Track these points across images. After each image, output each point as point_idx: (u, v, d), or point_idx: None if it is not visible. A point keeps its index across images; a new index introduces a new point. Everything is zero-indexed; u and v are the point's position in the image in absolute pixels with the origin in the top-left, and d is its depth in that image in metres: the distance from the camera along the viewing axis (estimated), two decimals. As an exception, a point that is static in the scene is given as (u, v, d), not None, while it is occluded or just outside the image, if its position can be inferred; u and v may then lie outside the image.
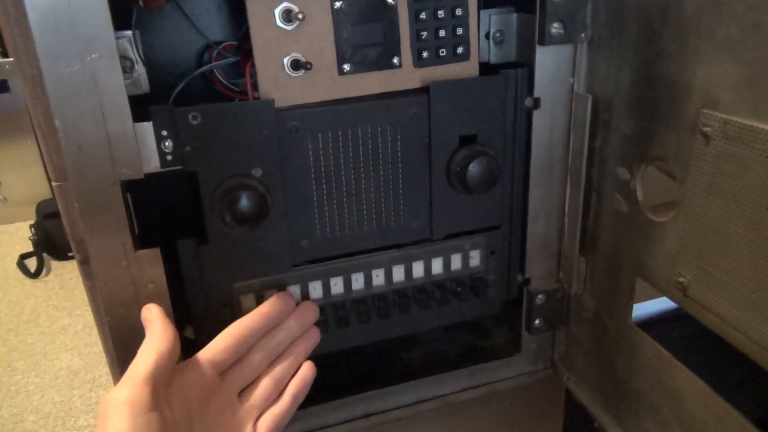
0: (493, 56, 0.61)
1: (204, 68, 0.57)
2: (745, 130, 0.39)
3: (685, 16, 0.44)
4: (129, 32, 0.49)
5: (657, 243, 0.50)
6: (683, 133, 0.45)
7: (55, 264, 2.16)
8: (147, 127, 0.47)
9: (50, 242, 2.13)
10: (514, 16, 0.60)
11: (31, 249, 2.14)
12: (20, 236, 2.29)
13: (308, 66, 0.48)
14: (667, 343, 0.52)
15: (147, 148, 0.47)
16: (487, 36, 0.60)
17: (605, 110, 0.54)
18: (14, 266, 2.12)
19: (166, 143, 0.47)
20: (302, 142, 0.51)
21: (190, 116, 0.46)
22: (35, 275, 2.08)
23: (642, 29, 0.48)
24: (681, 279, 0.47)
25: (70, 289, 2.02)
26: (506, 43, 0.61)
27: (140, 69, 0.51)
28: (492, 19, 0.60)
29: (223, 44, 0.58)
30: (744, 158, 0.40)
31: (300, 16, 0.47)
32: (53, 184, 0.48)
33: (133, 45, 0.50)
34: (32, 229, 2.14)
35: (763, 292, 0.40)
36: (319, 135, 0.51)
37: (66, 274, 2.11)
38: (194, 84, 0.58)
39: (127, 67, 0.50)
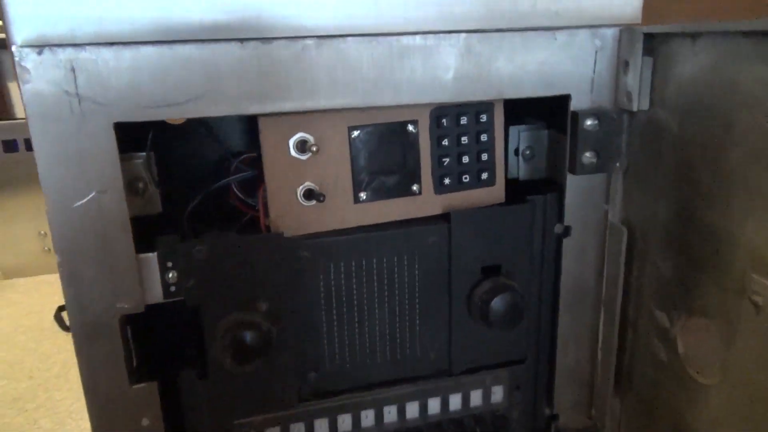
0: (523, 172, 0.58)
1: (220, 183, 0.56)
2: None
3: (729, 166, 0.40)
4: (143, 154, 0.48)
5: (700, 403, 0.44)
6: (729, 292, 0.40)
7: (90, 318, 2.17)
8: (151, 258, 0.45)
9: (87, 296, 2.15)
10: (545, 133, 0.57)
11: (68, 302, 2.16)
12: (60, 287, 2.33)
13: (321, 198, 0.46)
14: None
15: (150, 280, 0.45)
16: (516, 152, 0.57)
17: (642, 242, 0.50)
18: (51, 318, 2.15)
19: (170, 275, 0.45)
20: (313, 273, 0.48)
21: (194, 250, 0.44)
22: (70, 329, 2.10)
23: (680, 166, 0.45)
24: (727, 453, 0.42)
25: (102, 345, 2.02)
26: (537, 159, 0.58)
27: (153, 190, 0.50)
28: (522, 135, 0.57)
29: (242, 156, 0.57)
30: (800, 339, 0.35)
31: (314, 148, 0.45)
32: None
33: (147, 167, 0.49)
34: (71, 282, 2.17)
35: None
36: (331, 265, 0.48)
37: (99, 329, 2.11)
38: (211, 197, 0.56)
39: (140, 189, 0.49)
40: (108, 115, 0.40)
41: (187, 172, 0.57)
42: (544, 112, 0.57)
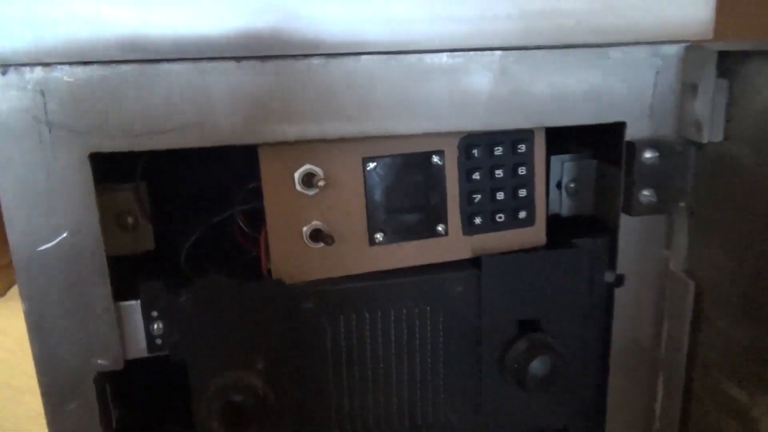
0: (566, 208, 0.50)
1: (223, 215, 0.50)
2: None
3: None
4: (132, 185, 0.43)
5: (788, 505, 0.36)
6: (832, 374, 0.32)
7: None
8: (134, 307, 0.39)
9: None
10: (593, 164, 0.50)
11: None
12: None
13: (330, 241, 0.40)
14: None
15: (132, 331, 0.39)
16: (559, 185, 0.50)
17: (710, 299, 0.42)
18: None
19: (156, 326, 0.39)
20: (319, 327, 0.42)
21: (182, 299, 0.39)
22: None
23: (760, 211, 0.37)
24: None
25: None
26: (582, 193, 0.51)
27: (145, 224, 0.44)
28: (565, 166, 0.50)
29: (251, 185, 0.51)
30: None
31: (323, 183, 0.38)
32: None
33: (138, 199, 0.44)
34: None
35: None
36: (341, 318, 0.42)
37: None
38: (215, 231, 0.51)
39: (129, 224, 0.44)
40: (83, 145, 0.35)
41: (187, 203, 0.51)
42: (592, 139, 0.49)
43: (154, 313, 0.39)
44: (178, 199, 0.50)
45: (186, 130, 0.36)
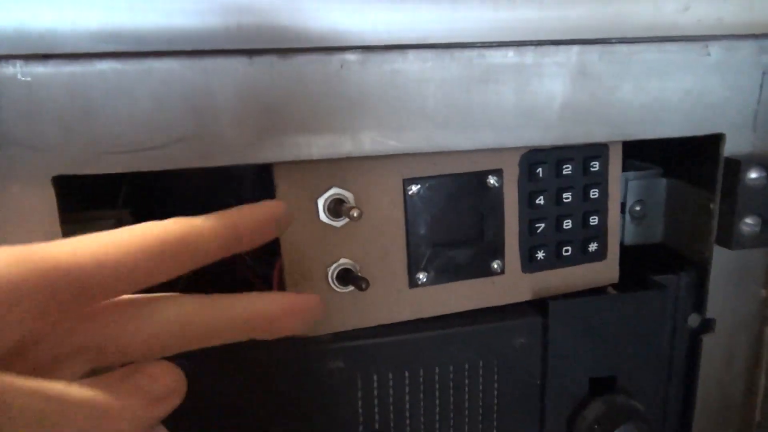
0: (629, 235, 0.42)
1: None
2: None
3: None
4: (113, 212, 0.35)
5: None
6: None
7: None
8: (112, 371, 0.30)
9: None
10: (663, 182, 0.42)
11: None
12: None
13: (363, 285, 0.31)
14: None
15: (110, 402, 0.31)
16: (623, 208, 0.42)
17: (829, 352, 0.34)
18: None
19: (141, 394, 0.31)
20: (349, 388, 0.33)
21: (176, 362, 0.30)
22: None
23: None
24: None
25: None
26: (649, 218, 0.43)
27: (128, 261, 0.36)
28: (630, 185, 0.42)
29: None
30: None
31: (355, 213, 0.30)
32: None
33: (119, 231, 0.35)
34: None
35: None
36: (375, 377, 0.33)
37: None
38: (213, 269, 0.42)
39: (108, 261, 0.35)
40: (44, 166, 0.26)
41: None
42: (660, 152, 0.42)
43: (140, 379, 0.31)
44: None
45: (181, 145, 0.27)
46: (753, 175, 0.34)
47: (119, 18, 0.25)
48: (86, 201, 0.34)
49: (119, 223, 0.35)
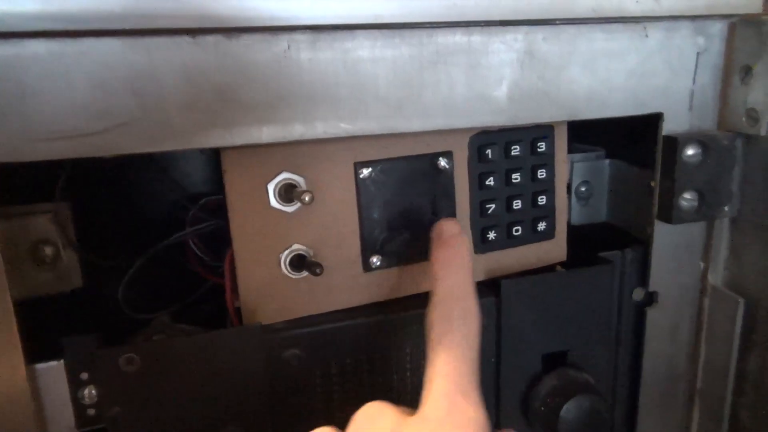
0: (576, 216, 0.43)
1: (170, 240, 0.40)
2: None
3: None
4: (50, 206, 0.33)
5: None
6: None
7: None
8: (54, 369, 0.29)
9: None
10: (606, 163, 0.43)
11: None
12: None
13: (317, 271, 0.31)
14: None
15: (53, 402, 0.29)
16: (568, 189, 0.43)
17: (763, 318, 0.36)
18: None
19: (86, 392, 0.30)
20: (307, 377, 0.33)
21: (122, 360, 0.29)
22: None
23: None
24: None
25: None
26: (594, 198, 0.44)
27: (69, 256, 0.34)
28: (575, 167, 0.43)
29: (203, 200, 0.41)
30: None
31: (306, 197, 0.29)
32: None
33: (58, 224, 0.34)
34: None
35: None
36: (333, 364, 0.33)
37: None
38: (160, 261, 0.41)
39: (47, 257, 0.34)
40: (-28, 154, 0.25)
41: (124, 226, 0.41)
42: (601, 134, 0.43)
43: (84, 376, 0.29)
44: (112, 221, 0.40)
45: (123, 130, 0.26)
46: (690, 152, 0.35)
47: (51, -6, 0.24)
48: (20, 193, 0.33)
49: (56, 217, 0.34)
